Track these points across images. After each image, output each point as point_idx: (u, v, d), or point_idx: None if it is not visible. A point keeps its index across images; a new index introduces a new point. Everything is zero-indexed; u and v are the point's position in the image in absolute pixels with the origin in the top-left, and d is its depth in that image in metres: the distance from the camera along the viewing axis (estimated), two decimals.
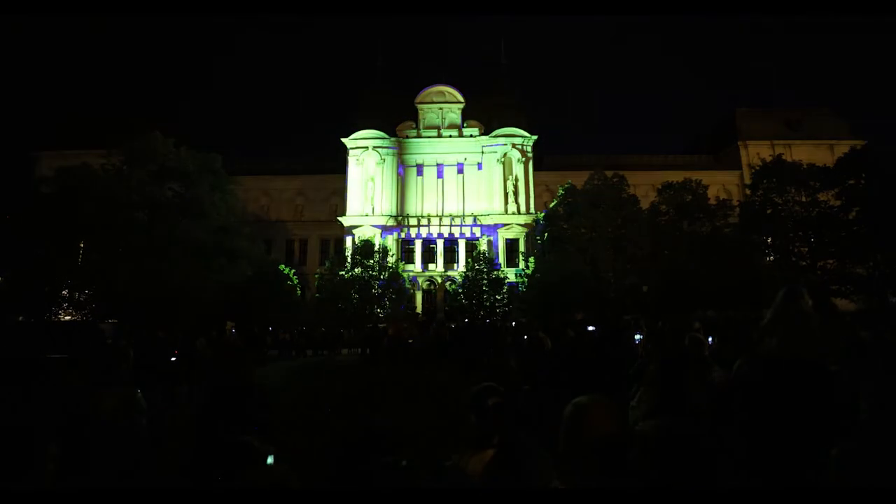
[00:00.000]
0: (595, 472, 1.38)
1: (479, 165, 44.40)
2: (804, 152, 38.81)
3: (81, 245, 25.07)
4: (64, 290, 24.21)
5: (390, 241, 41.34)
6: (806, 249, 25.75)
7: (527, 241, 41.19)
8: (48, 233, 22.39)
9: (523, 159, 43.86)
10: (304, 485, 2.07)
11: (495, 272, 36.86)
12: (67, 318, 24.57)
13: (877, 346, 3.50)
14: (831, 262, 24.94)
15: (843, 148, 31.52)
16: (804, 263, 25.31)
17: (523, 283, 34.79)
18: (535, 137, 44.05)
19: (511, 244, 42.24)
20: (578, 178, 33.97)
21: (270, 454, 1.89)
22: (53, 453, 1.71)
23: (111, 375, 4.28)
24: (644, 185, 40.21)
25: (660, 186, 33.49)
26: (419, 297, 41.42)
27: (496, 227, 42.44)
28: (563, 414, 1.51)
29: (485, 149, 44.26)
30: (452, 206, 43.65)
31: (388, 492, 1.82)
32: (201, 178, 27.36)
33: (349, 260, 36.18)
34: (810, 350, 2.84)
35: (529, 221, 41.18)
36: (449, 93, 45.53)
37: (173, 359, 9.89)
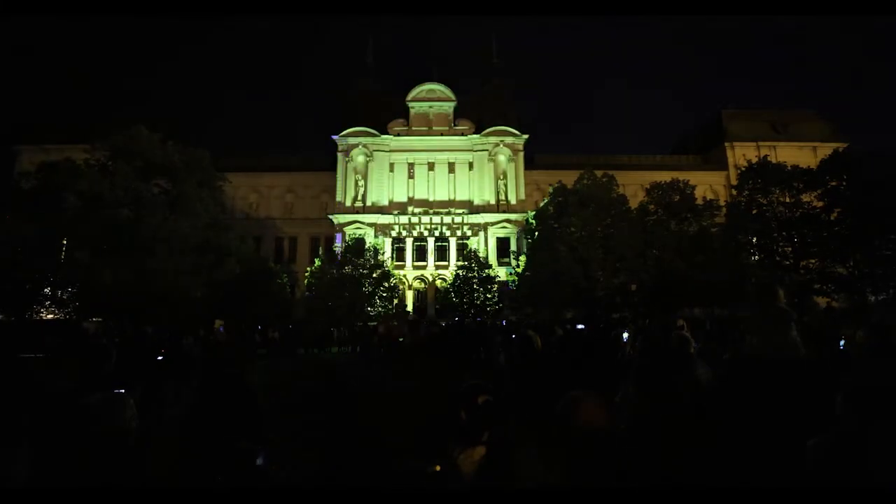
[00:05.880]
0: (584, 463, 1.42)
1: (471, 164, 44.44)
2: (789, 153, 39.59)
3: (64, 241, 24.51)
4: (46, 287, 23.67)
5: (381, 239, 41.20)
6: (789, 249, 26.29)
7: (517, 240, 41.38)
8: (29, 229, 21.85)
9: (514, 158, 44.01)
10: (297, 484, 2.07)
11: (486, 270, 36.96)
12: (49, 316, 24.04)
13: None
14: (813, 261, 25.50)
15: (826, 150, 32.18)
16: (788, 263, 25.84)
17: (514, 281, 34.96)
18: (526, 136, 44.22)
19: (502, 242, 42.38)
20: (569, 178, 34.21)
21: (261, 455, 1.89)
22: (25, 455, 1.69)
23: (95, 375, 4.20)
24: (633, 185, 40.70)
25: (648, 186, 33.94)
26: (410, 295, 41.37)
27: (487, 225, 42.54)
28: (555, 408, 1.54)
29: (476, 147, 44.29)
30: (443, 205, 43.62)
31: (385, 492, 1.83)
32: (189, 174, 26.88)
33: (340, 258, 35.99)
34: (790, 348, 2.92)
35: (520, 220, 41.37)
36: (440, 91, 45.43)
37: (160, 357, 9.75)
